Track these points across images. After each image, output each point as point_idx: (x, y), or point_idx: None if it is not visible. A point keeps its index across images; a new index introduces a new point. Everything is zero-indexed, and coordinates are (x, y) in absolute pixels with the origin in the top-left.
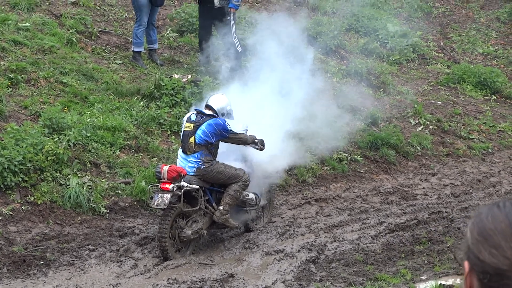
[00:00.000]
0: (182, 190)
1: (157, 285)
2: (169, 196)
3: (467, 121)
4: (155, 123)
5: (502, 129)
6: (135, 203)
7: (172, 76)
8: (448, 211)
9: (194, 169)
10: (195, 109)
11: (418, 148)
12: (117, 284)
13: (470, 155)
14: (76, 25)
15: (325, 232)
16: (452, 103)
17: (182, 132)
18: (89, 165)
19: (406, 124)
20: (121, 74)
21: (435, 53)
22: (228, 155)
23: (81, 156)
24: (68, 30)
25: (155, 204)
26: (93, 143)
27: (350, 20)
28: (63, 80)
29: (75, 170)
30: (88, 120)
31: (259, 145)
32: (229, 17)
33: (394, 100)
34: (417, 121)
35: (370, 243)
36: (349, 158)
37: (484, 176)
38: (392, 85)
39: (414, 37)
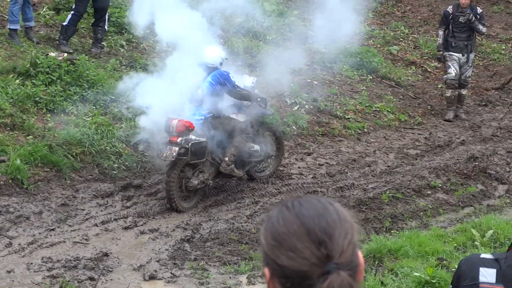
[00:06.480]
0: (190, 143)
1: (31, 263)
2: (177, 148)
3: (343, 100)
4: (30, 101)
5: (377, 109)
6: (10, 181)
7: (48, 54)
8: (323, 191)
9: (202, 120)
10: (199, 64)
11: (294, 127)
12: None
13: (345, 134)
14: None
15: (200, 211)
16: (328, 82)
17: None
18: None
19: (282, 103)
20: None
21: (311, 32)
22: (232, 108)
23: None
24: None
25: (164, 156)
26: None
27: None
28: None
29: None
30: None
31: (261, 103)
32: None
33: (270, 79)
34: (293, 101)
35: (245, 223)
36: None
37: (360, 155)
38: (269, 64)
39: (291, 17)
